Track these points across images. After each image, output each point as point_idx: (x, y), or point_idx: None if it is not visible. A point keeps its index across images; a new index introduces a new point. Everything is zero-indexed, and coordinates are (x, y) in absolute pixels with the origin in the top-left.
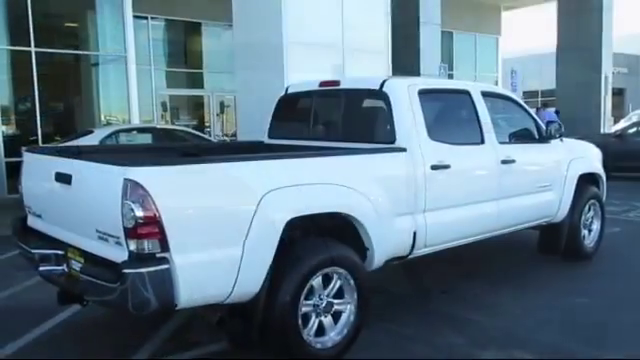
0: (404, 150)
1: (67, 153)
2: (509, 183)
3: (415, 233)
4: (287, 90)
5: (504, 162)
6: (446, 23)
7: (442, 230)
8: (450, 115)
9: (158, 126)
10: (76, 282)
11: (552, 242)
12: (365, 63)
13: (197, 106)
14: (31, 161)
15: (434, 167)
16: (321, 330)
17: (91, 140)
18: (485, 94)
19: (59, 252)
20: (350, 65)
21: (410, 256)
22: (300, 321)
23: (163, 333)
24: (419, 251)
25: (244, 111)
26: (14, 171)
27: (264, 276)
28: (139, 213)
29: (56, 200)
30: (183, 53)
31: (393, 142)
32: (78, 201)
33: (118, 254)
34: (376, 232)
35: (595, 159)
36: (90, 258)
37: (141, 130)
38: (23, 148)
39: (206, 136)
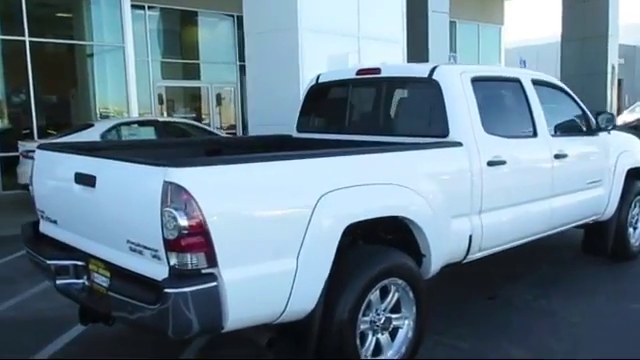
0: (460, 145)
1: (88, 150)
2: (561, 179)
3: (471, 236)
4: (318, 79)
5: (557, 157)
6: (449, 12)
7: (497, 232)
8: (502, 105)
9: (160, 119)
10: (101, 299)
11: (598, 241)
12: (381, 52)
13: (195, 98)
14: (45, 159)
15: (490, 163)
16: (378, 349)
17: (92, 134)
18: (535, 82)
19: (79, 263)
20: (366, 54)
21: (463, 262)
22: (358, 340)
23: (194, 348)
24: (473, 256)
25: (254, 103)
26: (9, 167)
27: (320, 291)
28: (183, 222)
29: (76, 205)
30: (181, 44)
31: (445, 136)
32: (104, 207)
33: (155, 269)
34: (434, 237)
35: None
36: (118, 272)
37: (143, 123)
38: (33, 145)
39: (210, 128)
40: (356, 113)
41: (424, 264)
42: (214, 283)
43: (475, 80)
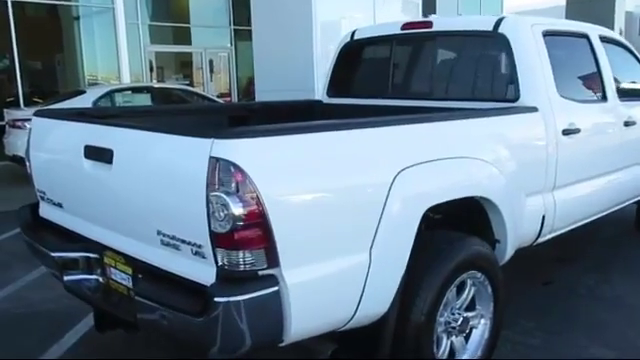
0: (535, 110)
1: (100, 118)
2: (630, 149)
3: (544, 217)
4: (353, 35)
5: (626, 124)
6: None
7: (569, 211)
8: (573, 64)
9: (155, 85)
10: (121, 301)
11: None
12: (396, 11)
13: (187, 64)
14: (44, 129)
15: (565, 132)
16: (451, 354)
17: (84, 101)
18: (603, 39)
19: (91, 256)
20: (381, 13)
21: (532, 245)
22: (435, 347)
23: None
24: (542, 239)
25: (262, 68)
26: None
27: (396, 290)
28: (237, 210)
29: (86, 185)
30: (173, 6)
31: (515, 100)
32: (124, 189)
33: (198, 269)
34: (511, 219)
35: None
36: (145, 269)
37: (137, 90)
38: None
39: (208, 95)
40: (400, 75)
41: (498, 252)
42: (275, 288)
43: (546, 34)
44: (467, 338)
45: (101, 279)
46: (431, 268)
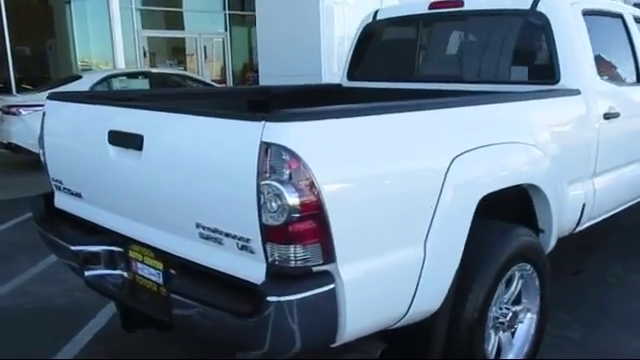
0: (578, 93)
1: (126, 101)
2: None
3: (584, 205)
4: (375, 16)
5: None
6: None
7: (607, 199)
8: (609, 45)
9: (152, 70)
10: (152, 299)
11: None
12: None
13: (182, 50)
14: (59, 114)
15: (606, 116)
16: (497, 351)
17: (80, 87)
18: (637, 20)
19: (115, 249)
20: None
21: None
22: (486, 344)
23: None
24: (580, 228)
25: (266, 52)
26: None
27: (450, 284)
28: (293, 201)
29: (111, 174)
30: None
31: (555, 82)
32: (157, 177)
33: (244, 265)
34: (556, 208)
35: None
36: (178, 264)
37: (135, 75)
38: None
39: (206, 80)
40: (427, 57)
41: (542, 242)
42: (331, 286)
43: (585, 13)
44: (513, 334)
45: (126, 274)
46: (484, 261)
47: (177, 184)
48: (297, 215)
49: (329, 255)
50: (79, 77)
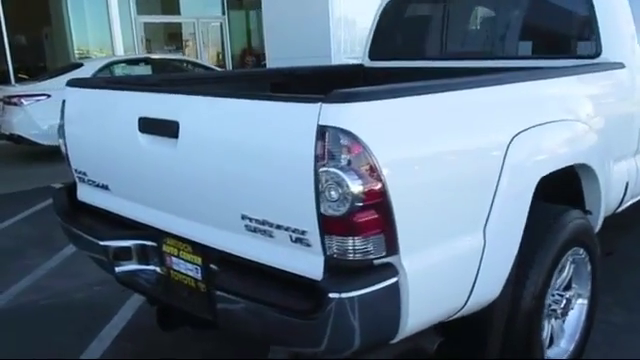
0: (622, 66)
1: (157, 86)
2: None
3: (627, 184)
4: None
5: None
6: None
7: None
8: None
9: (153, 56)
10: (192, 295)
11: None
12: None
13: (179, 35)
14: (82, 101)
15: None
16: (550, 340)
17: (82, 75)
18: None
19: (147, 243)
20: None
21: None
22: (543, 333)
23: None
24: (621, 208)
25: (274, 33)
26: None
27: (509, 272)
28: (356, 188)
29: (141, 163)
30: None
31: (596, 56)
32: (194, 166)
33: (298, 260)
34: (605, 187)
35: None
36: (221, 259)
37: (136, 62)
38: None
39: (208, 64)
40: (455, 32)
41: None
42: (394, 279)
43: None
44: (564, 321)
45: (159, 270)
46: (540, 246)
47: (219, 173)
48: (360, 204)
49: (392, 246)
50: (80, 65)
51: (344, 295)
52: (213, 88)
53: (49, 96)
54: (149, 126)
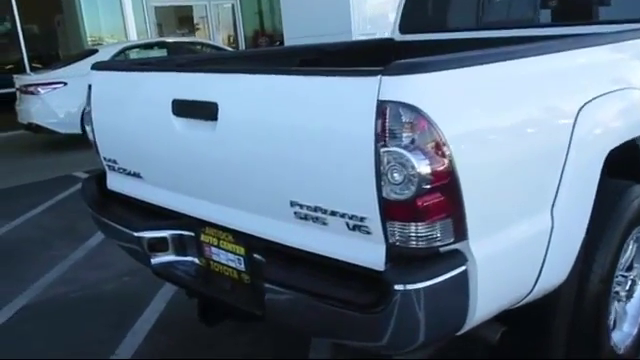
0: None
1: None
2: None
3: None
4: None
5: None
6: None
7: None
8: None
9: (168, 40)
10: (237, 288)
11: None
12: None
13: (191, 18)
14: (109, 85)
15: None
16: (613, 324)
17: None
18: None
19: (184, 233)
20: None
21: None
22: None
23: None
24: None
25: (291, 12)
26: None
27: (576, 254)
28: (424, 169)
29: (176, 148)
30: None
31: None
32: (237, 150)
33: (356, 248)
34: None
35: None
36: (265, 248)
37: (152, 46)
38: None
39: (224, 46)
40: (492, 1)
41: None
42: (462, 267)
43: None
44: (626, 304)
45: (197, 260)
46: (608, 225)
47: (264, 157)
48: (427, 186)
49: (461, 231)
50: (95, 51)
51: (410, 287)
52: (248, 66)
53: (65, 84)
54: (184, 109)
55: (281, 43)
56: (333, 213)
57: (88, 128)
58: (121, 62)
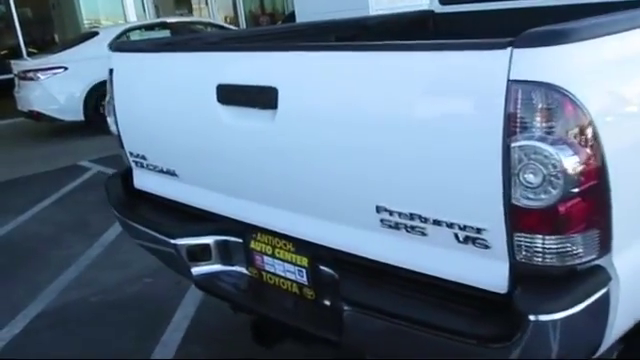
0: None
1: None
2: None
3: None
4: None
5: None
6: None
7: None
8: None
9: (169, 20)
10: (300, 306)
11: None
12: None
13: None
14: (137, 68)
15: None
16: None
17: (99, 44)
18: None
19: (230, 239)
20: None
21: None
22: None
23: None
24: None
25: None
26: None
27: None
28: (572, 167)
29: (222, 142)
30: None
31: None
32: (305, 145)
33: (466, 265)
34: None
35: None
36: (333, 260)
37: (153, 27)
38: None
39: (228, 26)
40: None
41: None
42: (605, 289)
43: None
44: None
45: (246, 271)
46: None
47: (342, 153)
48: (574, 189)
49: (605, 244)
50: (96, 33)
51: (546, 318)
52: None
53: (66, 68)
54: (233, 95)
55: (284, 22)
56: (437, 222)
57: (110, 119)
58: (148, 42)
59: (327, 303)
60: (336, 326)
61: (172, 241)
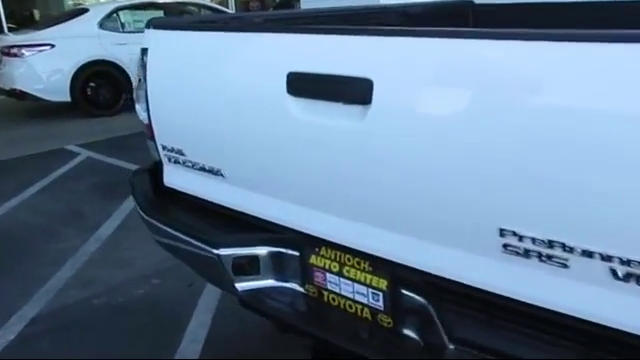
0: None
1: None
2: None
3: None
4: None
5: None
6: None
7: None
8: None
9: (160, 0)
10: (374, 336)
11: None
12: None
13: None
14: (180, 50)
15: None
16: None
17: (88, 22)
18: None
19: (285, 251)
20: None
21: None
22: None
23: None
24: None
25: None
26: None
27: None
28: None
29: (289, 141)
30: None
31: None
32: (402, 145)
33: (621, 306)
34: None
35: None
36: (424, 285)
37: (145, 7)
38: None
39: (221, 7)
40: None
41: None
42: None
43: None
44: None
45: (300, 288)
46: None
47: (456, 161)
48: None
49: None
50: (86, 10)
51: None
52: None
53: (53, 46)
54: (308, 86)
55: (275, 8)
56: (587, 254)
57: (139, 106)
58: (194, 19)
59: (410, 334)
60: None
61: (215, 251)
